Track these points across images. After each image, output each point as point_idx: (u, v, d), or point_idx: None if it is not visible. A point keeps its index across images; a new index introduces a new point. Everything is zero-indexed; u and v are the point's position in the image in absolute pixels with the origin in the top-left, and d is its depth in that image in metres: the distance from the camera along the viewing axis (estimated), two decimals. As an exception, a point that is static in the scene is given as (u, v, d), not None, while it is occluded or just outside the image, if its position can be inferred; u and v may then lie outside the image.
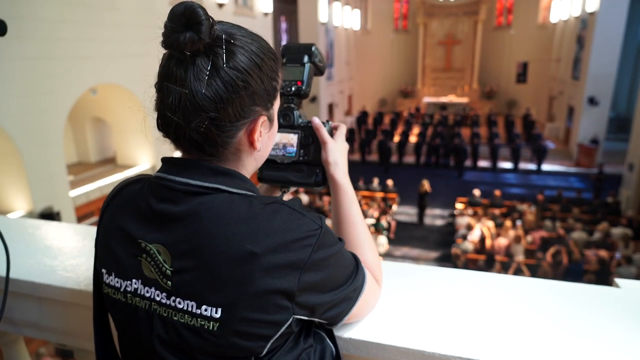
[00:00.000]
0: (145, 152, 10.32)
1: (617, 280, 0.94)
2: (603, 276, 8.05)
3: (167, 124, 0.66)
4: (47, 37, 7.24)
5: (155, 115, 0.69)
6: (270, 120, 0.74)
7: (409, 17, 27.15)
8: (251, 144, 0.71)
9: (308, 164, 0.91)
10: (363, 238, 0.86)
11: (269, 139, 0.77)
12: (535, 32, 23.96)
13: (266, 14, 15.14)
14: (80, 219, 8.57)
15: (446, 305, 0.90)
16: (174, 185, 0.67)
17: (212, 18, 0.63)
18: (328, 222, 2.15)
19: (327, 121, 0.93)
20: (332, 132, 0.93)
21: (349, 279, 0.74)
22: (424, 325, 0.84)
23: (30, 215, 7.16)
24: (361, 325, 0.85)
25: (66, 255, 1.17)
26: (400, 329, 0.84)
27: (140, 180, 0.76)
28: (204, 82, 0.62)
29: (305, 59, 0.88)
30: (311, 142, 0.91)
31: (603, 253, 8.71)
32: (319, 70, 0.89)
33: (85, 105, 9.91)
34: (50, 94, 7.39)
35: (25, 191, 7.13)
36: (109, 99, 9.77)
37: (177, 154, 0.74)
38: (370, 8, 26.75)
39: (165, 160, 0.72)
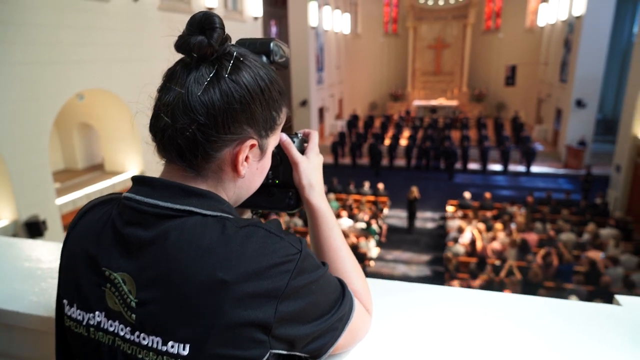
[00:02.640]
0: (133, 158, 10.19)
1: (618, 298, 0.90)
2: (593, 277, 8.10)
3: (157, 124, 0.65)
4: (31, 42, 7.11)
5: (149, 119, 0.69)
6: (262, 150, 0.71)
7: (399, 21, 27.29)
8: (235, 167, 0.68)
9: (279, 187, 0.84)
10: (348, 265, 0.80)
11: (257, 171, 0.73)
12: (523, 35, 24.21)
13: (256, 18, 15.10)
14: (67, 227, 8.41)
15: (440, 327, 0.85)
16: (142, 207, 0.64)
17: (228, 35, 0.66)
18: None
19: (296, 134, 0.85)
20: (303, 147, 0.85)
21: (333, 307, 0.69)
22: (415, 351, 0.79)
23: (15, 224, 7.01)
24: (351, 354, 0.80)
25: (38, 277, 1.10)
26: (391, 355, 0.79)
27: (110, 201, 0.72)
28: (202, 86, 0.63)
29: (264, 60, 0.75)
30: (280, 162, 0.82)
31: (592, 254, 8.77)
32: (281, 67, 0.79)
33: (72, 111, 9.77)
34: (35, 99, 7.26)
35: (10, 199, 6.98)
36: (97, 104, 9.64)
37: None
38: (360, 12, 26.85)
39: (135, 180, 0.69)
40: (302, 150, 0.84)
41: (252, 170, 0.72)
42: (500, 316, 0.88)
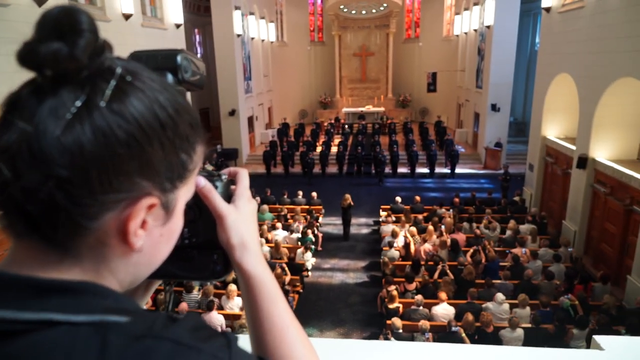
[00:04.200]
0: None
1: (599, 341, 0.81)
2: (517, 271, 8.60)
3: None
4: None
5: None
6: (167, 208, 0.50)
7: (324, 30, 27.71)
8: (124, 237, 0.46)
9: (199, 248, 0.63)
10: (298, 349, 0.61)
11: (162, 238, 0.52)
12: (441, 44, 25.63)
13: (178, 26, 14.47)
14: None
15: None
16: None
17: (106, 41, 0.46)
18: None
19: (219, 175, 0.64)
20: (229, 192, 0.65)
21: None
22: None
23: None
24: None
25: None
26: None
27: None
28: (62, 121, 0.41)
29: (169, 80, 0.55)
30: (199, 216, 0.62)
31: (516, 250, 9.33)
32: (195, 87, 0.59)
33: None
34: None
35: None
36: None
37: None
38: (286, 21, 26.88)
39: None
40: (229, 197, 0.64)
41: (154, 238, 0.51)
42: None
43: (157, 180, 0.47)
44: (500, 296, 7.50)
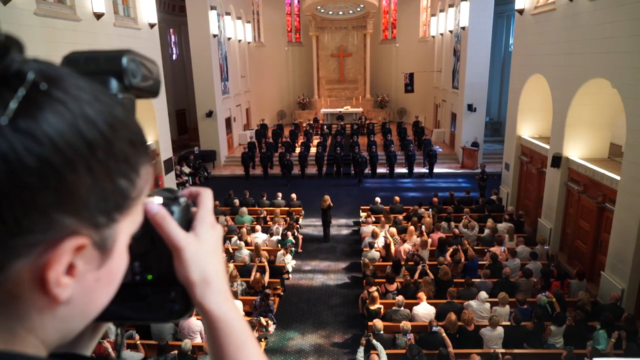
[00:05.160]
0: None
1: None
2: (495, 270, 8.69)
3: None
4: None
5: None
6: (103, 247, 0.41)
7: (302, 30, 27.63)
8: (44, 288, 0.37)
9: (153, 285, 0.53)
10: None
11: (98, 284, 0.43)
12: (417, 45, 25.88)
13: (152, 26, 14.15)
14: None
15: None
16: None
17: (14, 38, 0.36)
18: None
19: (176, 197, 0.55)
20: (189, 216, 0.55)
21: None
22: None
23: None
24: None
25: None
26: None
27: None
28: None
29: (113, 86, 0.45)
30: (151, 247, 0.52)
31: (494, 249, 9.43)
32: (147, 93, 0.49)
33: None
34: None
35: None
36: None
37: None
38: (262, 21, 26.69)
39: None
40: (188, 223, 0.54)
41: (87, 284, 0.41)
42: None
43: (85, 214, 0.38)
44: (483, 294, 7.56)
